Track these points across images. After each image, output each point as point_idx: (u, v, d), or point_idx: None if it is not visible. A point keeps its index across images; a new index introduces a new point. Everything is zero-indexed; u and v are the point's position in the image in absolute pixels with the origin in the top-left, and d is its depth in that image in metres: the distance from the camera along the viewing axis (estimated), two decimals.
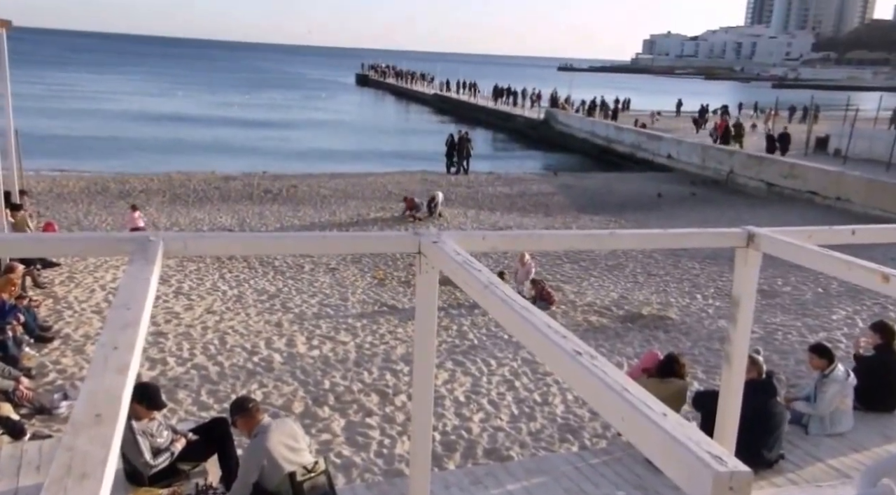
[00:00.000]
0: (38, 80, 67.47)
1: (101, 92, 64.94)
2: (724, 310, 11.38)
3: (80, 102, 54.40)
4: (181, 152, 33.36)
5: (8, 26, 12.65)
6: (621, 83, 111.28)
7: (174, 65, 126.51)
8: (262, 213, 19.40)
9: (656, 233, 2.79)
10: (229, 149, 35.50)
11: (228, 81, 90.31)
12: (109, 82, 76.78)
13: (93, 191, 21.42)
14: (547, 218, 20.89)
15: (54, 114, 44.94)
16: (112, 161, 29.57)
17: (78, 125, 40.85)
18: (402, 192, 22.43)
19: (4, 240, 2.93)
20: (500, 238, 2.88)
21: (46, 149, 29.64)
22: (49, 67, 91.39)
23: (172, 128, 42.44)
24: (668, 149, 31.96)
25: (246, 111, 55.65)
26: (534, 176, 29.67)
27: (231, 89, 76.56)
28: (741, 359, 2.95)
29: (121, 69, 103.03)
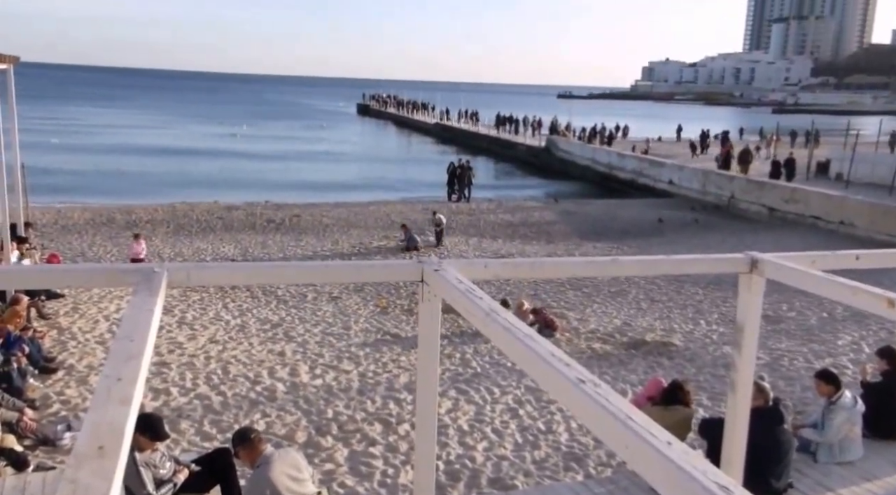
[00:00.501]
0: (44, 114, 68.16)
1: (106, 125, 65.53)
2: (728, 336, 11.33)
3: (85, 136, 54.89)
4: (185, 183, 33.54)
5: (16, 62, 12.82)
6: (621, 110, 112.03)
7: (177, 97, 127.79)
8: (264, 243, 19.44)
9: (658, 259, 2.79)
10: (232, 180, 35.68)
11: (231, 113, 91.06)
12: (113, 115, 77.52)
13: (98, 222, 21.50)
14: (549, 245, 20.88)
15: (60, 147, 45.33)
16: (117, 193, 29.74)
17: (83, 158, 41.17)
18: (403, 221, 22.47)
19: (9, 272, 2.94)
20: (502, 266, 2.88)
21: (52, 183, 29.85)
22: (55, 101, 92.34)
23: (176, 159, 42.74)
24: (669, 175, 32.05)
25: (249, 142, 56.06)
26: (535, 203, 29.72)
27: (234, 120, 77.14)
28: (747, 386, 2.93)
29: (125, 102, 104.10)
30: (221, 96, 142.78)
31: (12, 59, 12.47)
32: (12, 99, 13.14)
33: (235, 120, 77.68)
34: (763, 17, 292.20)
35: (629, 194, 32.79)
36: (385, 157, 49.78)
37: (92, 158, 40.81)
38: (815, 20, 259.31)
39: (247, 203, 26.27)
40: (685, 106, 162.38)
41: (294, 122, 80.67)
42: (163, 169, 38.39)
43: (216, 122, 74.10)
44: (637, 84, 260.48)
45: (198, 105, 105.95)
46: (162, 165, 39.83)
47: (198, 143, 52.40)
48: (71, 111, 79.77)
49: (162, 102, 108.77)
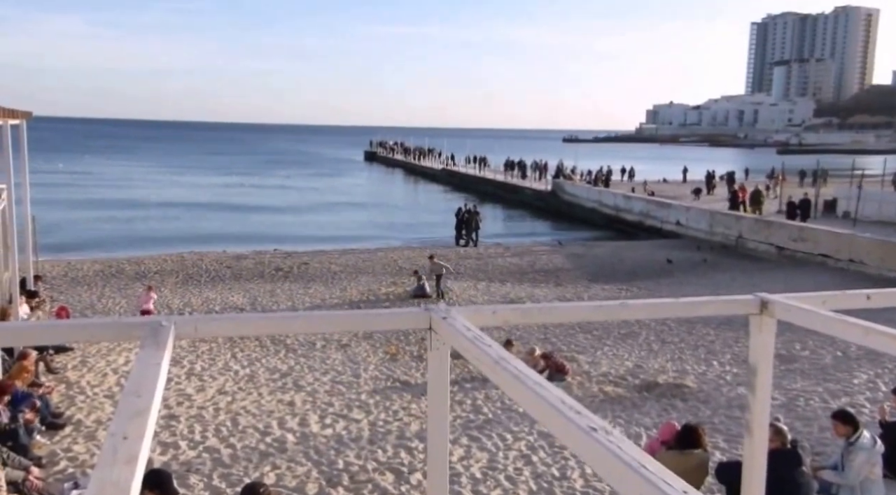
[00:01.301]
0: (54, 167, 69.19)
1: (115, 177, 66.43)
2: (742, 377, 11.18)
3: (94, 188, 55.57)
4: (194, 234, 33.80)
5: (29, 117, 13.06)
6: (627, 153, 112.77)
7: (184, 148, 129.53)
8: (273, 291, 19.46)
9: (668, 302, 2.77)
10: (241, 230, 35.94)
11: (239, 163, 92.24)
12: (122, 168, 78.60)
13: (107, 274, 21.61)
14: (558, 288, 20.83)
15: (70, 200, 45.86)
16: (127, 245, 29.95)
17: (93, 210, 41.63)
18: (413, 267, 22.50)
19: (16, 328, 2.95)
20: (511, 312, 2.86)
21: (62, 235, 30.14)
22: (64, 154, 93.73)
23: (185, 211, 43.12)
24: (676, 216, 32.10)
25: (256, 191, 56.62)
26: (543, 246, 29.75)
27: (241, 170, 78.11)
28: (763, 428, 2.88)
29: (133, 154, 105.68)
30: (228, 146, 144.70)
31: (25, 114, 12.71)
32: (24, 154, 13.36)
33: (243, 170, 78.65)
34: (764, 61, 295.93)
35: (637, 236, 32.81)
36: (393, 203, 50.13)
37: (101, 211, 41.22)
38: (815, 62, 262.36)
39: (255, 252, 26.40)
40: (690, 148, 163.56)
41: (301, 170, 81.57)
42: (172, 220, 38.71)
43: (224, 172, 75.01)
44: (642, 127, 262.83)
45: (205, 156, 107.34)
46: (171, 217, 40.17)
47: (206, 194, 52.93)
48: (81, 163, 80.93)
49: (169, 154, 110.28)
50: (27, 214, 14.46)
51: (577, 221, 39.53)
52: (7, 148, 11.43)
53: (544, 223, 40.86)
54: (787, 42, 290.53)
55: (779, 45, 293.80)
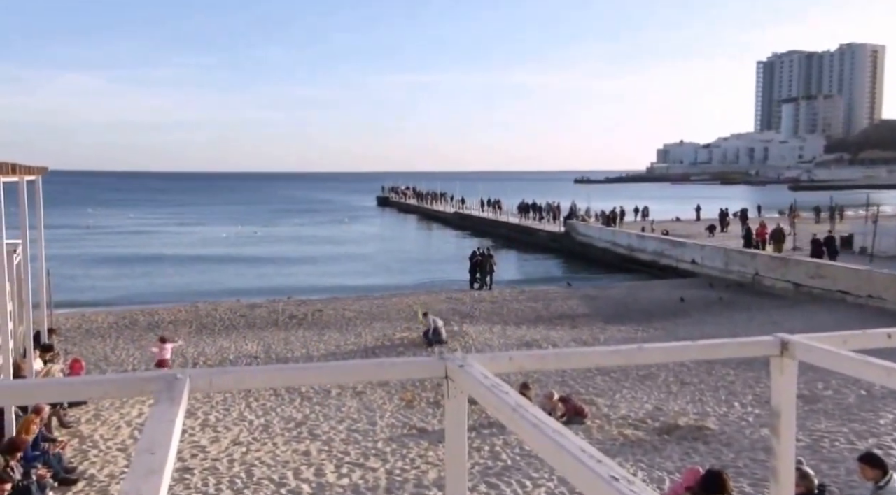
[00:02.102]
0: (71, 221, 70.13)
1: (130, 229, 67.20)
2: (764, 418, 10.97)
3: (109, 240, 56.19)
4: (208, 284, 34.00)
5: (44, 172, 13.30)
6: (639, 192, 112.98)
7: (199, 199, 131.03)
8: (287, 339, 19.42)
9: (686, 345, 2.74)
10: (255, 278, 36.12)
11: (253, 212, 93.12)
12: (137, 219, 79.52)
13: (121, 326, 21.67)
14: (574, 330, 20.67)
15: (85, 253, 46.35)
16: (140, 296, 30.14)
17: (108, 262, 42.02)
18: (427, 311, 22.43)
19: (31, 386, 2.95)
20: (528, 358, 2.84)
21: (76, 288, 30.37)
22: (78, 207, 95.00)
23: (199, 261, 43.41)
24: (691, 254, 31.96)
25: (271, 240, 57.00)
26: (558, 288, 29.64)
27: (256, 219, 78.81)
28: (789, 473, 2.81)
29: (147, 206, 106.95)
30: (241, 196, 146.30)
31: (41, 170, 12.94)
32: (40, 209, 13.56)
33: (256, 219, 79.38)
34: (772, 98, 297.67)
35: (652, 275, 32.66)
36: (406, 248, 50.27)
37: (115, 263, 41.60)
38: (823, 99, 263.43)
39: (269, 300, 26.45)
40: (702, 186, 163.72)
41: (314, 217, 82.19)
42: (185, 271, 38.94)
43: (237, 222, 75.72)
44: (653, 166, 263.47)
45: (218, 206, 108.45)
46: (185, 268, 40.43)
47: (219, 245, 53.37)
48: (96, 216, 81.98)
49: (182, 205, 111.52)
50: (42, 269, 14.61)
51: (592, 262, 39.44)
52: (23, 203, 11.63)
53: (558, 264, 40.78)
54: (794, 80, 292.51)
55: (786, 82, 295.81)
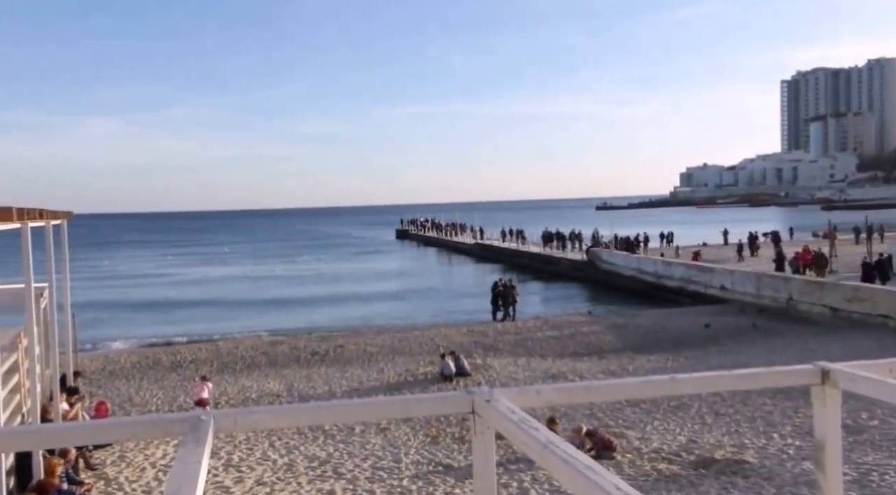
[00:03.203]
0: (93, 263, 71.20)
1: (149, 269, 68.10)
2: (806, 450, 10.73)
3: (130, 280, 56.95)
4: (229, 322, 34.27)
5: (69, 217, 13.58)
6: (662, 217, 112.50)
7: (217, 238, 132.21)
8: (309, 376, 19.41)
9: (720, 375, 2.71)
10: (276, 312, 36.31)
11: (272, 248, 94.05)
12: (156, 259, 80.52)
13: (144, 366, 21.84)
14: (601, 360, 20.45)
15: (107, 294, 46.96)
16: (163, 334, 30.42)
17: (129, 302, 42.56)
18: (449, 345, 22.38)
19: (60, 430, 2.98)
20: (556, 391, 2.82)
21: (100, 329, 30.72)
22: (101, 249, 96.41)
23: (218, 299, 43.82)
24: (720, 280, 31.61)
25: (290, 276, 57.38)
26: (582, 317, 29.41)
27: (275, 256, 79.55)
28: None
29: (166, 245, 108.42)
30: (259, 233, 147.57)
31: (66, 214, 13.23)
32: (65, 253, 13.81)
33: (275, 255, 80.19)
34: (798, 118, 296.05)
35: (679, 302, 32.33)
36: (427, 281, 50.30)
37: (136, 304, 42.10)
38: (853, 116, 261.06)
39: (290, 336, 26.53)
40: (729, 209, 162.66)
41: (333, 251, 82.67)
42: (206, 310, 39.24)
43: (256, 259, 76.47)
44: (676, 190, 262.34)
45: (237, 244, 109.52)
46: (205, 306, 40.79)
47: (239, 282, 53.86)
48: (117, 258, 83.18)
49: (201, 243, 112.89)
50: (67, 312, 14.84)
51: (616, 290, 39.16)
52: (49, 248, 11.88)
53: (582, 293, 40.54)
54: (820, 98, 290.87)
55: (812, 101, 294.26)
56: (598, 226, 56.92)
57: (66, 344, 15.29)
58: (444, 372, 18.49)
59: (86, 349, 23.09)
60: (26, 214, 9.40)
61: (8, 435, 2.87)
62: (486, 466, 2.57)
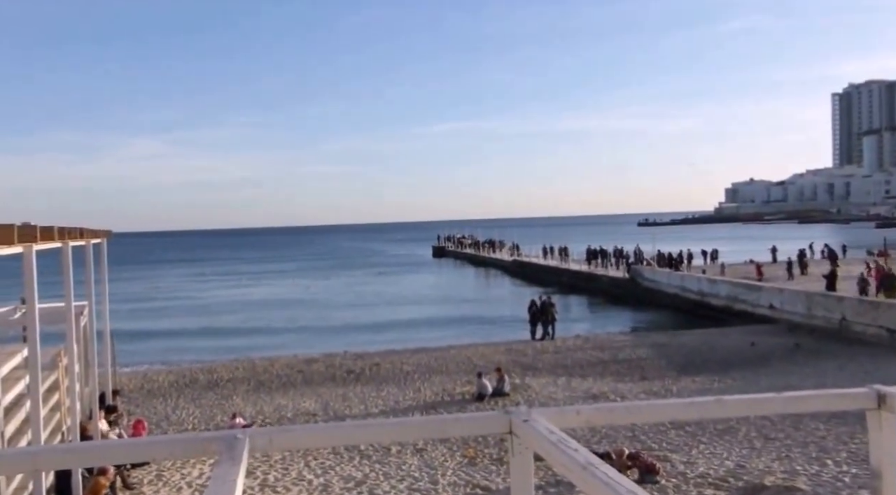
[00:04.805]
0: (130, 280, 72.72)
1: (189, 287, 69.30)
2: (862, 478, 10.40)
3: (169, 298, 58.03)
4: (265, 340, 34.67)
5: (109, 236, 13.91)
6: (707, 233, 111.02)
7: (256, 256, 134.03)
8: (345, 395, 19.49)
9: (769, 397, 2.64)
10: (311, 333, 36.60)
11: (310, 266, 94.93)
12: (196, 277, 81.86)
13: (181, 384, 22.16)
14: (643, 381, 20.16)
15: (147, 311, 47.88)
16: (199, 353, 30.87)
17: (168, 320, 43.35)
18: (488, 364, 22.28)
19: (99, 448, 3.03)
20: (596, 412, 2.78)
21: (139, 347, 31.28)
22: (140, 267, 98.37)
23: (255, 317, 44.32)
24: (768, 298, 30.99)
25: (327, 293, 57.84)
26: (624, 337, 29.08)
27: (313, 273, 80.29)
28: None
29: (207, 263, 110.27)
30: (298, 250, 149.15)
31: (105, 233, 13.55)
32: (105, 271, 14.13)
33: (313, 273, 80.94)
34: (851, 131, 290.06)
35: (725, 322, 31.76)
36: (464, 298, 50.26)
37: (175, 322, 42.87)
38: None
39: (326, 354, 26.69)
40: (777, 226, 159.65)
41: (370, 269, 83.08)
42: (243, 327, 39.73)
43: (294, 276, 77.27)
44: (721, 206, 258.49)
45: (275, 262, 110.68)
46: (242, 324, 41.30)
47: (276, 301, 54.43)
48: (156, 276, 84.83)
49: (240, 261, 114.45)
50: (107, 330, 15.15)
51: (659, 308, 38.68)
52: (89, 266, 12.16)
53: (624, 312, 40.09)
54: (874, 111, 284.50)
55: (865, 114, 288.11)
56: (640, 242, 56.35)
57: (105, 362, 15.59)
58: (481, 391, 18.43)
59: (124, 367, 23.47)
60: (67, 234, 9.65)
61: (48, 453, 2.93)
62: (524, 488, 2.54)
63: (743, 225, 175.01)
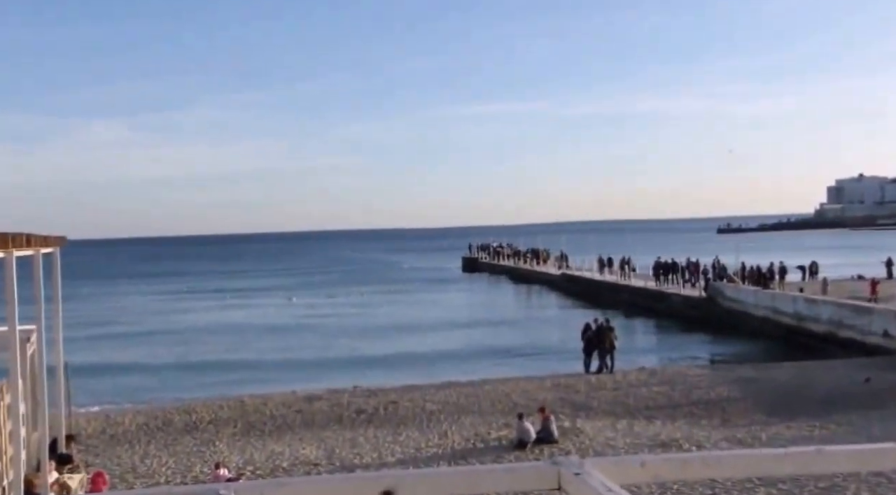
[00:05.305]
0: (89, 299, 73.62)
1: (161, 306, 69.95)
2: None
3: (137, 320, 58.60)
4: (256, 370, 34.86)
5: (63, 244, 13.95)
6: (804, 242, 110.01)
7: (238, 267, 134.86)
8: (354, 440, 19.53)
9: (884, 448, 2.60)
10: (311, 363, 36.79)
11: (305, 280, 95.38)
12: (169, 294, 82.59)
13: (152, 427, 22.35)
14: (725, 426, 19.99)
15: (109, 336, 48.44)
16: (175, 388, 31.12)
17: (136, 348, 43.76)
18: (531, 403, 22.23)
19: None
20: (665, 463, 2.76)
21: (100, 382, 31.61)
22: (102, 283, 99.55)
23: (243, 344, 44.60)
24: (883, 323, 30.61)
25: (329, 314, 58.05)
26: (701, 371, 28.86)
27: (309, 289, 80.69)
28: None
29: (181, 277, 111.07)
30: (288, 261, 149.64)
31: (58, 240, 13.50)
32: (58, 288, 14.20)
33: (309, 289, 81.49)
34: None
35: (827, 352, 31.47)
36: (501, 321, 50.30)
37: (144, 350, 43.22)
38: None
39: (330, 391, 26.78)
40: (893, 232, 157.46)
41: (383, 286, 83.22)
42: (228, 358, 39.97)
43: (285, 292, 77.74)
44: (823, 208, 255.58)
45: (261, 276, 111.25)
46: (227, 353, 41.56)
47: (267, 323, 54.75)
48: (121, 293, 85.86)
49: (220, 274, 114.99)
50: (60, 360, 15.15)
51: (744, 335, 38.42)
52: (38, 280, 12.04)
53: (700, 339, 39.87)
54: None
55: None
56: (720, 253, 55.94)
57: (58, 401, 15.57)
58: (522, 437, 18.37)
59: (81, 407, 23.75)
60: (11, 241, 9.55)
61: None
62: None
63: (850, 230, 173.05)
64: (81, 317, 49.09)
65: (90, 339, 42.92)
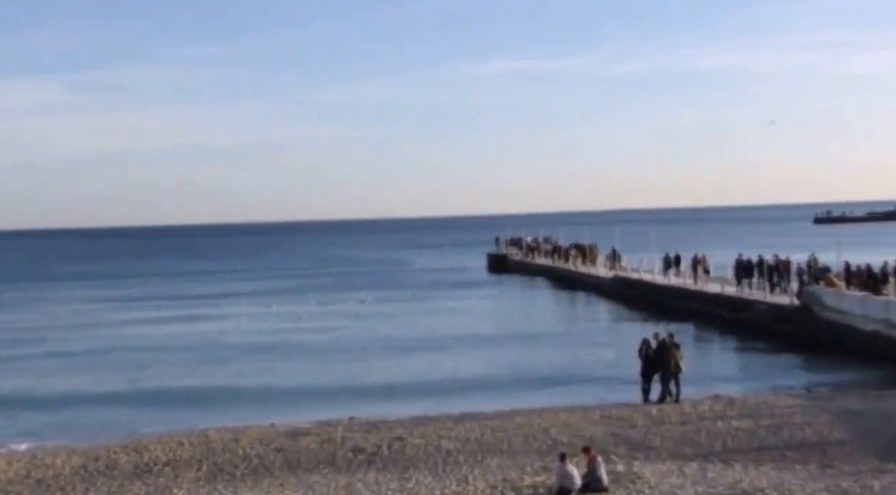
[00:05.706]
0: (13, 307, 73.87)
1: (104, 316, 70.12)
2: None
3: (72, 335, 58.62)
4: (225, 399, 34.86)
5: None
6: None
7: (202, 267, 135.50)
8: (350, 487, 19.58)
9: None
10: (297, 389, 36.77)
11: (293, 284, 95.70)
12: (113, 301, 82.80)
13: (92, 471, 22.41)
14: (825, 472, 19.94)
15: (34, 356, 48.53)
16: (121, 421, 31.10)
17: (71, 370, 43.80)
18: (574, 441, 22.25)
19: None
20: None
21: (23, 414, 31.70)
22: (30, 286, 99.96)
23: (209, 363, 44.62)
24: None
25: (321, 328, 58.06)
26: (793, 400, 28.79)
27: (296, 296, 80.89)
28: None
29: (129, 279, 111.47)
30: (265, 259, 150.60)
31: None
32: None
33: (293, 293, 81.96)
34: None
35: None
36: (535, 335, 50.36)
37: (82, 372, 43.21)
38: None
39: (320, 423, 26.86)
40: None
41: (387, 292, 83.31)
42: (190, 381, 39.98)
43: (265, 296, 77.98)
44: None
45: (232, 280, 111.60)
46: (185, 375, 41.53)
47: (240, 335, 54.89)
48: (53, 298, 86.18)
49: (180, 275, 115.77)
50: None
51: (849, 354, 38.27)
52: None
53: (792, 359, 39.85)
54: None
55: None
56: (817, 248, 55.67)
57: None
58: (563, 483, 18.39)
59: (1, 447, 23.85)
60: None
61: None
62: None
63: None
64: (1, 331, 49.29)
65: (12, 360, 43.13)
